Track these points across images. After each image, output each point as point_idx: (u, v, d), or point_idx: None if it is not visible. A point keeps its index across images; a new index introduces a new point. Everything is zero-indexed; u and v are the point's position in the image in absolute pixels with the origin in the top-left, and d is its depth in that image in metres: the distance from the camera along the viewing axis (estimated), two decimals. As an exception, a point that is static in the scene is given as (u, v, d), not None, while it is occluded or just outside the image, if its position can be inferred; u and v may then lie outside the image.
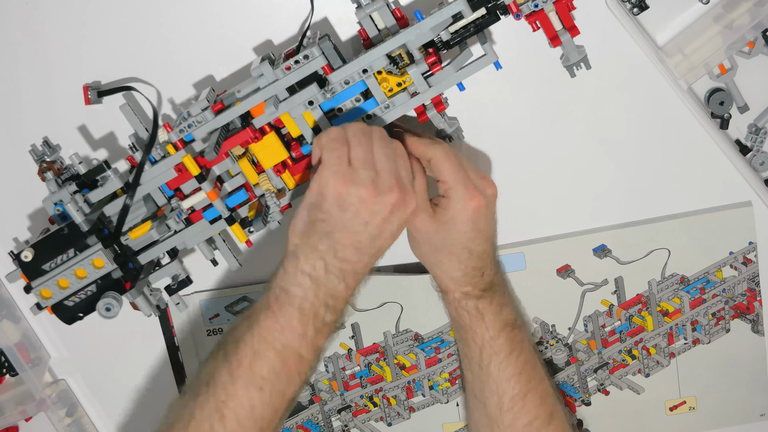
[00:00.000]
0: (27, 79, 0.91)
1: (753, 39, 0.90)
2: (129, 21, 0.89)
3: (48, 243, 0.82)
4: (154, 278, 0.86)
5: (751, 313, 1.00)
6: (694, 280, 0.99)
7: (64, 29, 0.89)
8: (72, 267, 0.82)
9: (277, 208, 0.84)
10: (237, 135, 0.82)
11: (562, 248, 0.98)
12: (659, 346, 1.02)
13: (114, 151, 0.92)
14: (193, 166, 0.81)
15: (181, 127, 0.82)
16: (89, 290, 0.84)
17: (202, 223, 0.84)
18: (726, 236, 0.98)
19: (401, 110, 0.83)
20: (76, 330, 0.94)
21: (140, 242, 0.85)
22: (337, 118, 0.83)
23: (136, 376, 1.02)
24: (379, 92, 0.82)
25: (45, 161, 0.86)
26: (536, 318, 1.00)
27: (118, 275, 0.84)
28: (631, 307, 1.00)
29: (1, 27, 0.90)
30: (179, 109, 0.91)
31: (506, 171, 0.96)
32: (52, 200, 0.83)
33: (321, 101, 0.81)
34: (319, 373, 1.01)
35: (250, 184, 0.84)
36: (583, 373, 1.02)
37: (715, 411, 1.03)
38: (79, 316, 0.85)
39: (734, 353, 1.02)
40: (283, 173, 0.84)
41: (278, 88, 0.81)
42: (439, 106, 0.85)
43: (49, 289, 0.83)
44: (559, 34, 0.84)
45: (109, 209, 0.84)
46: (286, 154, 0.83)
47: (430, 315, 0.99)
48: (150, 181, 0.83)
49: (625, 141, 0.95)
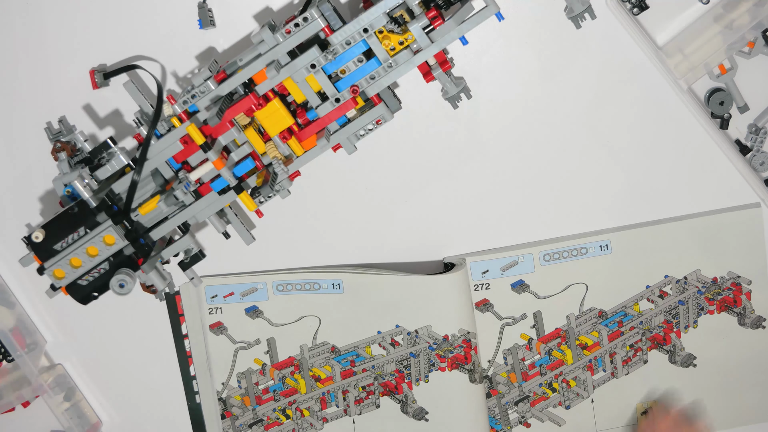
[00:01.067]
0: (31, 63, 0.91)
1: (753, 39, 0.91)
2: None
3: (58, 223, 0.82)
4: (166, 253, 0.85)
5: (667, 344, 1.02)
6: (612, 313, 1.01)
7: (65, 9, 0.90)
8: (83, 245, 0.82)
9: (285, 176, 0.84)
10: (240, 102, 0.81)
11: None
12: (579, 379, 1.03)
13: (120, 129, 0.92)
14: (197, 135, 0.81)
15: (185, 99, 0.81)
16: (102, 268, 0.83)
17: (212, 195, 0.84)
18: (732, 238, 0.99)
19: (405, 69, 0.81)
20: (72, 314, 0.98)
21: (151, 218, 0.84)
22: (341, 80, 0.82)
23: (133, 359, 1.02)
24: (381, 51, 0.81)
25: (60, 141, 0.85)
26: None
27: (130, 251, 0.83)
28: (551, 340, 1.02)
29: (3, 8, 0.90)
30: (183, 84, 0.90)
31: (501, 172, 0.96)
32: (63, 181, 0.83)
33: (323, 64, 0.81)
34: (231, 389, 1.02)
35: (257, 152, 0.84)
36: (504, 405, 1.03)
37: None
38: (93, 295, 0.85)
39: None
40: (289, 140, 0.83)
41: (279, 53, 0.80)
42: (445, 65, 0.84)
43: (62, 269, 0.83)
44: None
45: (118, 186, 0.83)
46: (291, 121, 0.82)
47: (348, 328, 1.00)
48: (157, 156, 0.82)
49: (624, 141, 0.95)
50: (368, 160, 0.95)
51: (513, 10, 0.91)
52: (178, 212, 0.84)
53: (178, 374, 1.02)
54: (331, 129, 0.84)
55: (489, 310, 1.00)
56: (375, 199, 0.97)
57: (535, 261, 0.99)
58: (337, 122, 0.83)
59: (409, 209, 0.97)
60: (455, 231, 0.98)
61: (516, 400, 1.03)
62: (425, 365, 1.00)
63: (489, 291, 1.00)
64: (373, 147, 0.94)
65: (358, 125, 0.83)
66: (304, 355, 1.02)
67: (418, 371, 1.01)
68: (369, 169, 0.96)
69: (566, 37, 0.91)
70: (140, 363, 1.02)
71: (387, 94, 0.84)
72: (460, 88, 0.86)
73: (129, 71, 0.88)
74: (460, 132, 0.95)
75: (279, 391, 1.03)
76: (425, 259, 0.99)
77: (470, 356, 0.99)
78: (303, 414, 1.04)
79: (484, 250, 0.99)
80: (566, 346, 1.02)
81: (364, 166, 0.95)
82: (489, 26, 0.90)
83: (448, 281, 0.97)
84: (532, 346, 1.02)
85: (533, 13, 0.91)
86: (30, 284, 0.98)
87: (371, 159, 0.95)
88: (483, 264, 0.99)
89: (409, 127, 0.95)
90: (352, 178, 0.96)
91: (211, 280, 0.99)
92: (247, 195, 0.84)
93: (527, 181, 0.96)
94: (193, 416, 1.03)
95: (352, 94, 0.82)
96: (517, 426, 1.04)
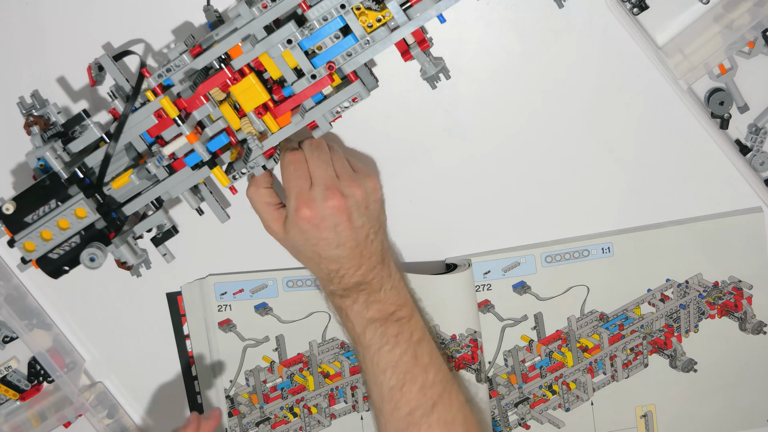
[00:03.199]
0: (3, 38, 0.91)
1: (753, 39, 0.91)
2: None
3: (30, 195, 0.82)
4: (139, 228, 0.85)
5: (668, 348, 1.02)
6: (613, 316, 1.00)
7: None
8: (54, 218, 0.82)
9: (260, 152, 0.83)
10: (215, 76, 0.80)
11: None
12: (579, 381, 1.02)
13: (95, 103, 0.92)
14: (171, 108, 0.80)
15: (160, 72, 0.81)
16: (73, 242, 0.83)
17: (186, 171, 0.83)
18: (734, 242, 0.99)
19: (382, 46, 0.81)
20: (107, 331, 0.99)
21: (124, 193, 0.84)
22: (317, 57, 0.81)
23: (169, 372, 1.03)
24: (359, 27, 0.80)
25: (32, 115, 0.85)
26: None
27: (102, 225, 0.83)
28: (551, 343, 1.01)
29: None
30: (159, 59, 0.90)
31: (503, 174, 0.97)
32: (36, 155, 0.82)
33: (299, 39, 0.80)
34: (239, 386, 1.02)
35: (232, 128, 0.83)
36: (504, 407, 1.03)
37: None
38: (64, 269, 0.84)
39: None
40: (264, 116, 0.82)
41: (255, 28, 0.80)
42: (423, 44, 0.83)
43: (33, 242, 0.82)
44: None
45: (91, 160, 0.83)
46: (266, 96, 0.82)
47: None
48: (131, 129, 0.82)
49: (624, 141, 0.95)
50: (371, 160, 0.95)
51: (513, 12, 0.91)
52: (151, 187, 0.84)
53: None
54: (307, 106, 0.83)
55: (490, 311, 1.00)
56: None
57: (536, 262, 0.99)
58: (313, 99, 0.83)
59: (412, 210, 0.97)
60: (458, 232, 0.98)
61: (516, 401, 1.03)
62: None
63: (490, 292, 0.99)
64: (376, 148, 0.95)
65: (333, 102, 0.82)
66: (313, 351, 1.01)
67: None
68: (372, 169, 0.96)
69: (566, 37, 0.91)
70: (177, 375, 1.03)
71: (364, 72, 0.83)
72: (438, 68, 0.85)
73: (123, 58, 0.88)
74: (464, 136, 0.95)
75: (287, 389, 1.02)
76: (428, 260, 0.99)
77: (477, 356, 0.99)
78: (311, 411, 1.03)
79: (487, 251, 0.99)
80: (567, 349, 1.02)
81: (368, 166, 0.95)
82: (490, 27, 0.91)
83: (456, 281, 0.96)
84: (532, 348, 1.01)
85: (534, 13, 0.91)
86: (64, 306, 0.99)
87: (374, 159, 0.96)
88: (485, 264, 0.98)
89: (414, 130, 0.95)
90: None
91: (220, 277, 0.99)
92: (221, 170, 0.83)
93: (529, 182, 0.96)
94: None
95: (329, 71, 0.81)
96: (517, 428, 1.04)
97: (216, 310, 1.00)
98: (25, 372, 1.01)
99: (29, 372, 1.01)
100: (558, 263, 0.99)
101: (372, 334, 0.88)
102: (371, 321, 0.88)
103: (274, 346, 1.01)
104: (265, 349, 1.01)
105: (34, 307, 0.98)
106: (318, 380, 1.02)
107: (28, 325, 0.97)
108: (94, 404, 1.00)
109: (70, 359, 0.99)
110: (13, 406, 1.01)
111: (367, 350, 0.88)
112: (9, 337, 1.00)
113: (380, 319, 0.88)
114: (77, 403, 0.97)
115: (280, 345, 1.01)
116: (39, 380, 1.01)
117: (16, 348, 1.00)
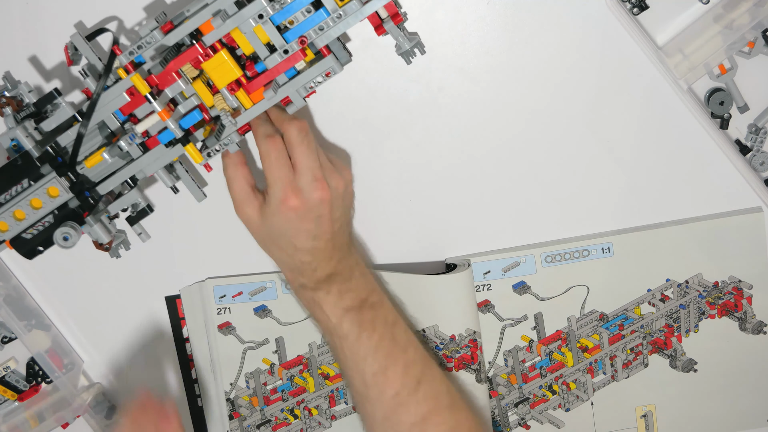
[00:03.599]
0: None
1: (753, 39, 0.91)
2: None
3: (2, 175, 0.81)
4: (113, 207, 0.84)
5: (668, 348, 1.02)
6: (613, 316, 1.00)
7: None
8: (27, 197, 0.81)
9: (234, 128, 0.82)
10: (186, 52, 0.80)
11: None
12: (579, 381, 1.02)
13: (67, 82, 0.92)
14: (142, 85, 0.80)
15: (131, 49, 0.81)
16: (47, 221, 0.82)
17: (159, 149, 0.83)
18: (734, 242, 0.98)
19: (353, 19, 0.80)
20: (106, 333, 0.99)
21: (98, 172, 0.83)
22: (289, 32, 0.81)
23: (169, 375, 1.02)
24: (330, 1, 0.80)
25: (4, 96, 0.85)
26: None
27: (75, 205, 0.82)
28: (551, 343, 1.01)
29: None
30: (131, 36, 0.90)
31: (503, 174, 0.97)
32: (9, 136, 0.82)
33: (271, 14, 0.80)
34: (239, 389, 1.01)
35: (205, 105, 0.83)
36: (504, 407, 1.02)
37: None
38: (38, 249, 0.84)
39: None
40: (237, 92, 0.82)
41: (226, 3, 0.79)
42: (396, 18, 0.83)
43: (5, 222, 0.82)
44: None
45: (64, 139, 0.82)
46: (239, 72, 0.81)
47: None
48: (103, 108, 0.81)
49: (624, 141, 0.95)
50: (372, 161, 0.96)
51: (513, 12, 0.91)
52: (125, 166, 0.83)
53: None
54: (280, 81, 0.82)
55: (490, 311, 0.99)
56: (379, 200, 0.97)
57: (536, 262, 0.98)
58: (286, 75, 0.82)
59: (412, 210, 0.97)
60: (458, 232, 0.98)
61: (516, 401, 1.02)
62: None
63: (490, 292, 0.99)
64: (376, 148, 0.95)
65: (306, 77, 0.82)
66: (313, 353, 1.01)
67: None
68: (372, 169, 0.96)
69: (566, 37, 0.91)
70: (178, 375, 1.02)
71: (336, 46, 0.83)
72: (413, 43, 0.84)
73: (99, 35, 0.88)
74: (463, 136, 0.95)
75: (287, 391, 1.02)
76: (427, 260, 0.99)
77: (476, 356, 0.98)
78: (311, 413, 1.02)
79: (487, 251, 0.98)
80: (567, 349, 1.01)
81: (368, 166, 0.95)
82: (490, 27, 0.92)
83: (455, 281, 0.96)
84: (532, 348, 1.01)
85: (534, 13, 0.91)
86: (63, 307, 0.99)
87: (375, 160, 0.96)
88: (485, 265, 0.98)
89: (414, 131, 0.95)
90: (356, 178, 0.96)
91: (219, 280, 0.98)
92: (194, 147, 0.82)
93: (529, 182, 0.96)
94: (195, 420, 1.03)
95: (301, 46, 0.81)
96: (517, 428, 1.03)
97: (215, 313, 0.99)
98: (23, 372, 1.01)
99: (28, 373, 1.01)
100: (558, 263, 0.98)
101: (349, 324, 0.87)
102: (346, 310, 0.87)
103: (274, 348, 1.01)
104: (265, 351, 1.01)
105: (33, 307, 0.98)
106: (318, 381, 1.02)
107: (27, 326, 0.97)
108: (93, 405, 0.99)
109: (69, 360, 0.99)
110: (11, 407, 1.01)
111: (345, 340, 0.88)
112: (7, 338, 1.00)
113: (355, 308, 0.87)
114: (75, 403, 0.97)
115: (279, 347, 1.01)
116: (37, 381, 1.01)
117: (14, 348, 1.00)
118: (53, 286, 0.96)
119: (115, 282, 0.97)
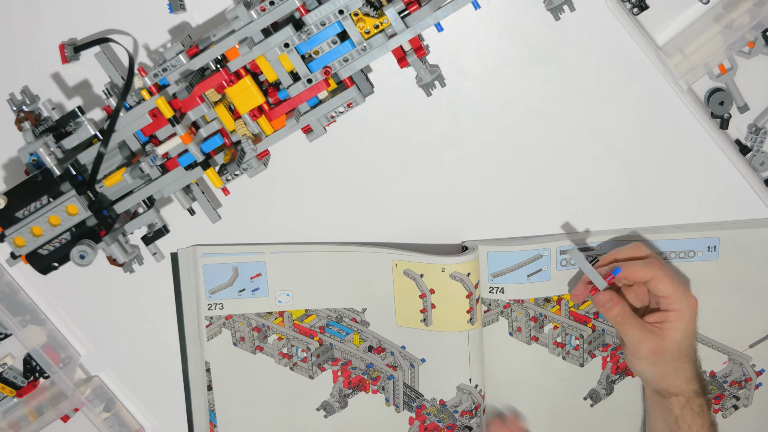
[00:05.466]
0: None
1: (753, 39, 0.91)
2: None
3: (21, 190, 0.82)
4: (130, 227, 0.85)
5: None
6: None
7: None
8: (46, 214, 0.81)
9: (254, 154, 0.83)
10: (211, 77, 0.80)
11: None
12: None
13: (89, 101, 0.91)
14: (166, 108, 0.80)
15: (156, 71, 0.81)
16: (63, 238, 0.83)
17: (178, 171, 0.83)
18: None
19: (378, 52, 0.81)
20: (102, 325, 0.98)
21: (116, 191, 0.84)
22: (314, 61, 0.81)
23: (166, 365, 1.01)
24: (356, 33, 0.80)
25: (23, 111, 0.85)
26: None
27: (93, 223, 0.83)
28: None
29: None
30: (155, 58, 0.90)
31: (504, 168, 0.96)
32: (28, 150, 0.82)
33: (297, 43, 0.80)
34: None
35: (227, 130, 0.83)
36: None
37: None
38: (53, 265, 0.84)
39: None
40: (259, 118, 0.83)
41: (253, 30, 0.80)
42: (419, 51, 0.84)
43: (23, 237, 0.82)
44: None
45: (84, 157, 0.82)
46: (262, 99, 0.82)
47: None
48: (125, 128, 0.82)
49: (624, 141, 0.95)
50: (380, 158, 0.96)
51: (513, 12, 0.91)
52: (143, 186, 0.83)
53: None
54: (302, 110, 0.83)
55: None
56: (405, 181, 0.97)
57: (552, 265, 0.97)
58: (308, 103, 0.83)
59: (430, 193, 0.97)
60: (475, 216, 0.98)
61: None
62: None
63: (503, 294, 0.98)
64: (403, 140, 0.95)
65: (328, 107, 0.82)
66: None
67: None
68: (391, 161, 0.96)
69: (566, 38, 0.91)
70: (175, 367, 1.01)
71: (360, 78, 0.84)
72: (434, 76, 0.85)
73: (100, 44, 0.87)
74: (475, 135, 0.95)
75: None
76: (444, 242, 0.98)
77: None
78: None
79: (503, 238, 0.98)
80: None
81: (390, 158, 0.96)
82: (491, 28, 0.91)
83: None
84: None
85: (534, 13, 0.91)
86: (57, 301, 0.99)
87: (387, 156, 0.96)
88: (500, 256, 0.96)
89: (423, 125, 0.95)
90: (382, 160, 0.96)
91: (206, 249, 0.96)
92: (214, 171, 0.83)
93: (527, 179, 0.96)
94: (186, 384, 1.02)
95: (325, 76, 0.81)
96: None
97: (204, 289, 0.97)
98: (20, 368, 1.01)
99: (25, 368, 1.01)
100: (573, 267, 0.97)
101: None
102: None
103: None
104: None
105: (27, 303, 0.98)
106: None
107: (22, 322, 0.97)
108: (91, 398, 0.99)
109: (65, 354, 0.99)
110: (10, 403, 1.00)
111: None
112: (3, 334, 0.99)
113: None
114: (73, 397, 0.97)
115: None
116: (35, 376, 1.01)
117: (10, 345, 1.00)
118: (47, 281, 0.95)
119: (108, 274, 0.95)
